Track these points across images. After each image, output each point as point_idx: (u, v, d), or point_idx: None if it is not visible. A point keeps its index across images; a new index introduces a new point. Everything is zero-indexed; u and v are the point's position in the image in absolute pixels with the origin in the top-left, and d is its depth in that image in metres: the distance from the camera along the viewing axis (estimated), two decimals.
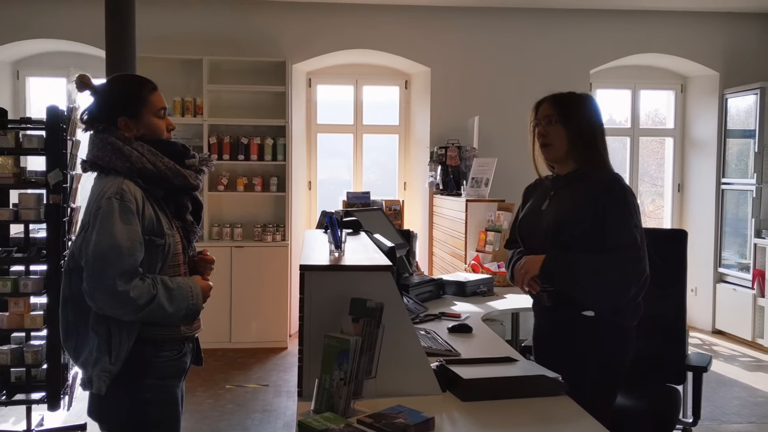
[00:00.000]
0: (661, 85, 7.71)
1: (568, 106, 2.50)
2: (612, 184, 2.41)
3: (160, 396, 2.21)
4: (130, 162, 2.16)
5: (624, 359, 2.44)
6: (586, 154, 2.47)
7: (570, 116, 2.48)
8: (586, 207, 2.38)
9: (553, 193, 2.54)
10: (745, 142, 6.98)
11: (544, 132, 2.51)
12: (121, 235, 2.05)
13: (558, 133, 2.48)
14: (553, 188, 2.56)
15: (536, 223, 2.54)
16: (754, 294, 6.56)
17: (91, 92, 2.27)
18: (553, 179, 2.59)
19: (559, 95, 2.57)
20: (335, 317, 2.10)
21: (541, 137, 2.53)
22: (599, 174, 2.46)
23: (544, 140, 2.52)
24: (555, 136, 2.49)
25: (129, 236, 2.07)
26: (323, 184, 7.55)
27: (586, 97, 2.59)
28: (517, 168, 6.53)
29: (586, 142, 2.47)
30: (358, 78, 7.29)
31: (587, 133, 2.48)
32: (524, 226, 2.63)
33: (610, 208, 2.35)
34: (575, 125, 2.47)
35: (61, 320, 2.20)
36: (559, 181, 2.55)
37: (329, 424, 1.82)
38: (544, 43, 6.94)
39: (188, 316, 2.20)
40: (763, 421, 4.63)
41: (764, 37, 7.14)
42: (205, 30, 6.52)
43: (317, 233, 3.31)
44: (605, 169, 2.49)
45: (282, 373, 5.56)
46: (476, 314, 3.49)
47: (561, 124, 2.48)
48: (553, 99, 2.54)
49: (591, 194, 2.39)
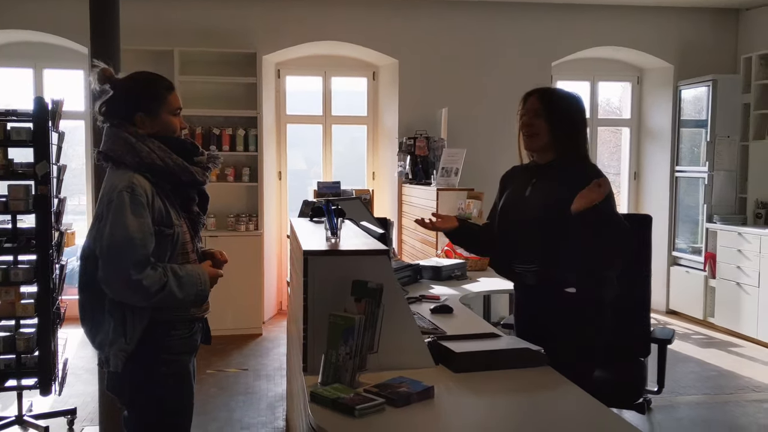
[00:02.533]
0: (619, 77, 8.01)
1: (554, 101, 2.70)
2: (595, 174, 2.61)
3: (174, 369, 2.36)
4: (140, 157, 2.27)
5: (603, 331, 2.66)
6: (566, 145, 2.67)
7: (555, 111, 2.67)
8: (572, 194, 2.54)
9: (535, 181, 2.73)
10: (697, 131, 7.33)
11: (530, 123, 2.70)
12: (133, 227, 2.17)
13: (542, 125, 2.67)
14: (534, 176, 2.75)
15: (520, 209, 2.73)
16: (706, 276, 6.93)
17: (111, 86, 2.35)
18: (534, 167, 2.78)
19: (547, 90, 2.77)
20: (335, 298, 2.26)
21: (526, 128, 2.71)
22: (579, 164, 2.67)
23: (529, 131, 2.71)
24: (539, 128, 2.68)
25: (140, 228, 2.18)
26: (293, 174, 7.67)
27: (572, 94, 2.79)
28: (485, 157, 6.82)
29: (567, 135, 2.67)
30: (327, 69, 7.43)
31: (570, 127, 2.68)
32: (506, 210, 2.81)
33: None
34: (559, 120, 2.67)
35: (79, 304, 2.34)
36: (541, 169, 2.74)
37: (340, 393, 1.99)
38: (508, 37, 7.16)
39: (197, 301, 2.35)
40: (715, 392, 4.96)
41: (716, 31, 7.49)
42: (176, 21, 6.57)
43: (304, 222, 3.46)
44: (584, 160, 2.70)
45: (259, 358, 5.71)
46: (454, 296, 3.69)
47: (545, 118, 2.67)
48: (541, 93, 2.72)
49: (575, 183, 2.56)
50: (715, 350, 6.05)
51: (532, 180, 2.75)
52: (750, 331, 6.26)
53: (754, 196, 6.82)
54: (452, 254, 4.72)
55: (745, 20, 7.42)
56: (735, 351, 6.04)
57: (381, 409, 1.95)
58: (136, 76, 2.40)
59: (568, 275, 2.62)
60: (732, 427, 4.31)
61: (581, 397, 2.13)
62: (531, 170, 2.79)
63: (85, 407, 4.52)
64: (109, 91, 2.35)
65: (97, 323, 2.29)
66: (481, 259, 4.65)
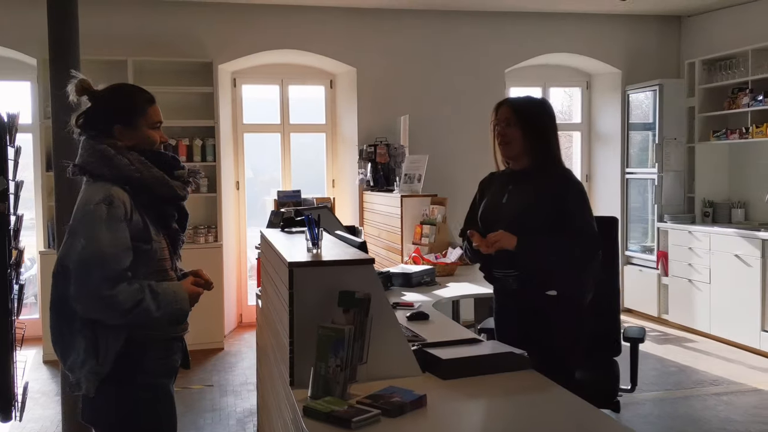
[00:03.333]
0: (569, 83, 8.19)
1: (524, 110, 2.80)
2: (568, 179, 2.75)
3: (152, 394, 2.26)
4: (118, 170, 2.19)
5: (584, 331, 2.74)
6: (540, 151, 2.77)
7: (526, 119, 2.77)
8: (546, 200, 2.69)
9: (512, 188, 2.82)
10: (645, 134, 7.55)
11: (503, 132, 2.79)
12: (106, 241, 2.09)
13: (515, 133, 2.77)
14: (511, 182, 2.83)
15: (498, 215, 2.80)
16: (659, 274, 7.13)
17: (89, 97, 2.28)
18: (510, 174, 2.87)
19: (517, 100, 2.87)
20: (321, 309, 2.26)
21: (500, 137, 2.81)
22: (553, 170, 2.77)
23: (503, 139, 2.80)
24: (512, 136, 2.77)
25: (114, 242, 2.10)
26: (250, 183, 7.61)
27: (542, 101, 2.92)
28: (446, 163, 6.90)
29: (540, 141, 2.77)
30: (284, 77, 7.39)
31: (541, 134, 2.78)
32: (485, 217, 2.88)
33: (569, 200, 2.69)
34: (530, 127, 2.76)
35: (50, 324, 2.22)
36: (516, 176, 2.83)
37: (334, 407, 1.99)
38: (463, 45, 7.25)
39: (175, 319, 2.27)
40: (676, 387, 5.10)
41: (661, 38, 7.73)
42: (129, 30, 6.45)
43: (276, 232, 3.44)
44: (558, 166, 2.80)
45: (223, 373, 5.63)
46: (426, 302, 3.71)
47: (518, 126, 2.76)
48: (511, 103, 2.82)
49: (549, 188, 2.70)
50: (672, 346, 6.23)
51: (508, 186, 2.83)
52: (703, 326, 6.46)
53: (701, 195, 7.05)
54: (420, 260, 4.75)
55: (687, 27, 7.68)
56: (690, 346, 6.23)
57: (376, 421, 1.95)
58: (116, 87, 2.35)
59: (547, 278, 2.69)
60: (696, 420, 4.44)
61: (570, 399, 2.17)
62: (507, 177, 2.87)
63: (46, 431, 4.39)
64: (86, 102, 2.28)
65: (67, 344, 2.18)
66: (449, 264, 4.71)
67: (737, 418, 4.45)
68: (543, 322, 2.70)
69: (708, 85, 6.93)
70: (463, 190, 6.95)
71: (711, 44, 7.20)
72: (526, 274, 2.73)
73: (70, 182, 3.74)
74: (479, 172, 7.19)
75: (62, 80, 3.69)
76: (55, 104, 3.71)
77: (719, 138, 6.76)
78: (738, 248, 6.02)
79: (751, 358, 5.77)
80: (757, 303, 5.80)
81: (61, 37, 3.66)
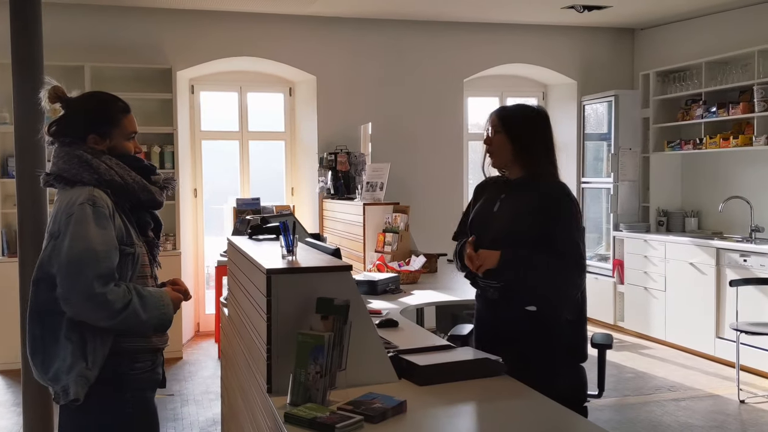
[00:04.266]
0: (526, 93, 8.31)
1: (510, 118, 2.73)
2: (560, 198, 2.64)
3: (141, 407, 2.24)
4: (99, 174, 2.16)
5: (562, 348, 2.73)
6: (530, 162, 2.69)
7: (511, 127, 2.70)
8: (535, 217, 2.60)
9: (504, 196, 2.74)
10: (600, 144, 7.71)
11: (489, 141, 2.75)
12: (96, 238, 2.06)
13: (501, 141, 2.71)
14: (504, 191, 2.76)
15: (487, 224, 2.74)
16: (614, 282, 7.26)
17: (62, 105, 2.24)
18: (504, 183, 2.79)
19: (504, 109, 2.82)
20: (299, 316, 2.25)
21: (487, 145, 2.77)
22: (547, 183, 2.69)
23: (488, 148, 2.76)
24: (498, 145, 2.72)
25: (104, 240, 2.08)
26: (207, 191, 7.50)
27: (532, 110, 2.82)
28: (406, 171, 6.93)
29: (528, 151, 2.69)
30: (242, 85, 7.33)
31: (529, 143, 2.70)
32: (476, 224, 2.81)
33: (558, 222, 2.60)
34: (516, 136, 2.69)
35: (28, 334, 2.15)
36: (510, 185, 2.76)
37: (316, 413, 1.96)
38: (422, 54, 7.31)
39: (161, 324, 2.23)
40: (635, 393, 5.20)
41: (615, 49, 7.92)
42: (86, 36, 6.32)
43: (244, 240, 3.40)
44: (553, 179, 2.72)
45: (183, 382, 5.52)
46: (394, 310, 3.71)
47: (503, 134, 2.70)
48: (498, 111, 2.77)
49: (540, 205, 2.61)
50: (628, 353, 6.34)
51: (501, 195, 2.76)
52: (659, 333, 6.60)
53: (655, 204, 7.22)
54: (384, 268, 4.74)
55: (641, 39, 7.88)
56: (646, 353, 6.36)
57: (359, 426, 1.93)
58: (90, 95, 2.34)
59: (528, 293, 2.66)
60: (656, 424, 4.53)
61: (547, 403, 2.19)
62: (501, 185, 2.80)
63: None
64: (59, 110, 2.24)
65: (50, 353, 2.12)
66: (413, 272, 4.71)
67: (697, 423, 4.56)
68: (521, 336, 2.67)
69: (662, 97, 7.11)
70: (424, 198, 7.06)
71: (664, 56, 7.41)
72: (508, 288, 2.68)
73: (31, 188, 3.66)
74: (440, 180, 7.35)
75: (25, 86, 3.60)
76: (18, 110, 3.59)
77: (673, 148, 6.94)
78: (693, 256, 6.17)
79: (707, 364, 5.91)
80: (712, 310, 5.95)
81: (24, 41, 3.56)
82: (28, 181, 3.46)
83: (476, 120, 8.21)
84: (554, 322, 2.71)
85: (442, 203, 7.23)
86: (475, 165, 8.33)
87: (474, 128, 8.05)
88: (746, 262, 5.68)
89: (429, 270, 4.98)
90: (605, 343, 3.10)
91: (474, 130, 8.00)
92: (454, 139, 7.51)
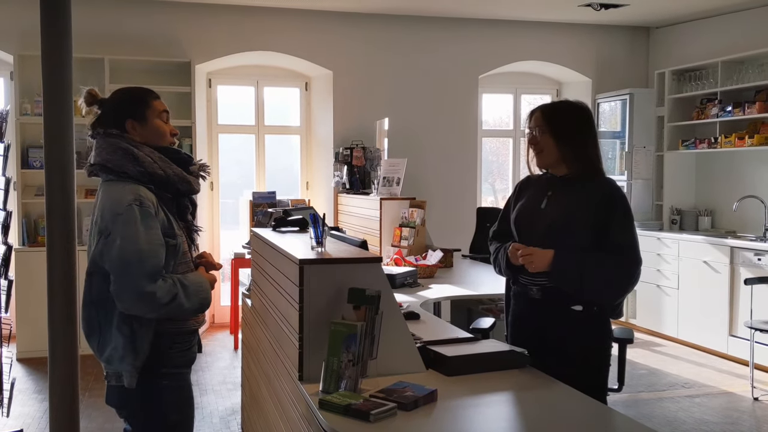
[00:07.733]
0: (540, 90, 8.33)
1: (556, 116, 2.66)
2: (612, 192, 2.61)
3: (176, 382, 2.40)
4: (143, 167, 2.28)
5: (609, 349, 2.72)
6: (576, 159, 2.64)
7: (558, 126, 2.63)
8: (588, 211, 2.56)
9: (551, 194, 2.69)
10: (614, 142, 7.72)
11: (535, 141, 2.68)
12: (143, 239, 2.20)
13: (548, 141, 2.64)
14: (550, 188, 2.71)
15: (535, 221, 2.70)
16: None
17: (98, 106, 2.40)
18: (549, 179, 2.74)
19: (550, 106, 2.75)
20: (330, 306, 2.30)
21: (533, 145, 2.70)
22: (595, 179, 2.64)
23: (536, 148, 2.69)
24: (545, 144, 2.65)
25: (150, 239, 2.22)
26: (223, 184, 7.56)
27: (576, 107, 2.72)
28: (422, 167, 6.97)
29: (575, 149, 2.63)
30: (259, 79, 7.38)
31: (576, 141, 2.63)
32: (522, 221, 2.77)
33: (614, 215, 2.57)
34: (564, 135, 2.62)
35: (85, 318, 2.32)
36: (556, 182, 2.70)
37: (350, 400, 2.01)
38: (438, 50, 7.34)
39: (201, 308, 2.38)
40: (649, 389, 5.23)
41: (631, 48, 7.93)
42: (106, 29, 6.37)
43: (269, 232, 3.45)
44: (600, 175, 2.66)
45: (201, 372, 5.57)
46: (413, 303, 3.75)
47: (550, 134, 2.63)
48: (543, 110, 2.69)
49: (592, 199, 2.57)
50: (640, 350, 6.37)
51: (548, 192, 2.71)
52: (671, 331, 6.63)
53: (669, 203, 7.23)
54: (401, 262, 4.79)
55: (656, 38, 7.89)
56: (658, 350, 6.39)
57: (393, 413, 1.98)
58: (120, 89, 2.48)
59: (575, 293, 2.59)
60: (671, 420, 4.56)
61: (574, 395, 2.24)
62: (547, 181, 2.75)
63: (28, 428, 4.31)
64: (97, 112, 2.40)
65: (105, 338, 2.30)
66: (429, 266, 4.75)
67: (711, 419, 4.59)
68: (568, 337, 2.62)
69: (677, 95, 7.12)
70: (438, 193, 7.09)
71: (679, 55, 7.42)
72: (553, 287, 2.61)
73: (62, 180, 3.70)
74: (453, 176, 7.37)
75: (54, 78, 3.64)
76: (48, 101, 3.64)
77: (688, 147, 6.95)
78: (707, 255, 6.20)
79: (719, 362, 5.93)
80: (725, 308, 5.98)
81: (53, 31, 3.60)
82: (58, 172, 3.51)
83: (490, 117, 8.25)
84: (601, 324, 2.68)
85: (455, 199, 7.27)
86: (487, 162, 8.36)
87: (487, 125, 8.08)
88: (760, 261, 5.70)
89: (445, 265, 5.02)
90: (626, 338, 3.12)
91: (487, 127, 8.03)
92: (469, 136, 7.54)
